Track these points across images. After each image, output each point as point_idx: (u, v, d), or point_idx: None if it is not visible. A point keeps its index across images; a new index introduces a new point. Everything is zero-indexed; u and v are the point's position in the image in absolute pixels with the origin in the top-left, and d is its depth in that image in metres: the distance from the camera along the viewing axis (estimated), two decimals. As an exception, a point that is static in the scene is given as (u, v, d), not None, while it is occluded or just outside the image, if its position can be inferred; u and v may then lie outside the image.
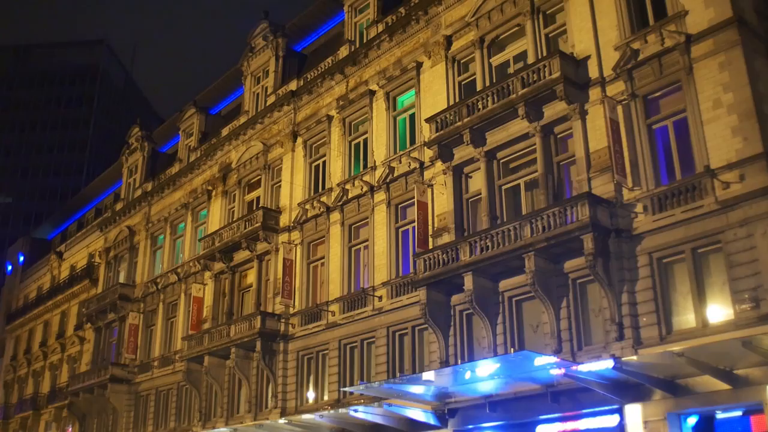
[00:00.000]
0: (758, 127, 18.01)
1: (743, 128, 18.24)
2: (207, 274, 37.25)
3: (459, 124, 24.44)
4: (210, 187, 39.82)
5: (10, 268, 69.20)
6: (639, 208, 19.86)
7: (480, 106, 23.97)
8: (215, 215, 38.83)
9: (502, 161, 24.28)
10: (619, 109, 20.95)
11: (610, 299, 19.47)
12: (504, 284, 22.44)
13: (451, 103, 26.10)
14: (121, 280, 45.79)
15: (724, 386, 17.08)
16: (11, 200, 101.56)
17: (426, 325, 24.33)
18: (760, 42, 19.55)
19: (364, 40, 31.65)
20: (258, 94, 38.58)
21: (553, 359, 18.67)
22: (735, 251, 17.71)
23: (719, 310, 18.05)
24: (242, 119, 38.55)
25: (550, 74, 22.04)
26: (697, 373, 17.32)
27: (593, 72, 22.04)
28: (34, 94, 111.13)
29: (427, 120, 25.86)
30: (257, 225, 33.03)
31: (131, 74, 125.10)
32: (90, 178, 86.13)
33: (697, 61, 19.60)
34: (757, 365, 16.60)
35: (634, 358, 17.67)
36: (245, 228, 33.82)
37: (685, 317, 18.67)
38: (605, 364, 17.26)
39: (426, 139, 26.09)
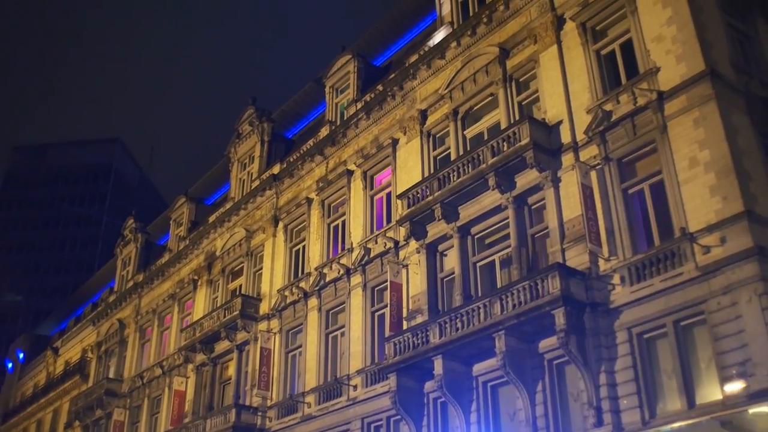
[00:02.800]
0: (737, 184, 16.44)
1: (722, 187, 16.68)
2: (189, 366, 35.56)
3: (430, 198, 23.10)
4: (196, 277, 38.50)
5: (10, 365, 67.73)
6: (616, 279, 18.14)
7: (451, 179, 22.65)
8: (200, 305, 37.34)
9: (476, 237, 22.75)
10: (593, 174, 19.50)
11: (587, 381, 17.52)
12: (477, 368, 20.54)
13: (426, 178, 24.78)
14: (111, 374, 44.13)
15: (716, 477, 14.96)
16: (21, 299, 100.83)
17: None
18: (738, 96, 18.16)
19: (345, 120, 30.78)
20: (244, 180, 37.72)
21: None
22: (719, 322, 15.86)
23: (707, 389, 16.08)
24: (228, 206, 37.57)
25: (520, 141, 20.76)
26: (685, 463, 15.24)
27: (565, 137, 20.71)
28: (48, 192, 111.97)
29: (399, 196, 24.57)
30: (236, 313, 31.49)
31: (145, 172, 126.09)
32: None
33: (671, 118, 18.24)
34: (750, 452, 14.53)
35: (612, 446, 15.64)
36: (224, 317, 32.27)
37: (671, 398, 16.68)
38: (578, 454, 15.26)
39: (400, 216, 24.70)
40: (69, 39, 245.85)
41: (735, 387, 15.12)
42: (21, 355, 65.24)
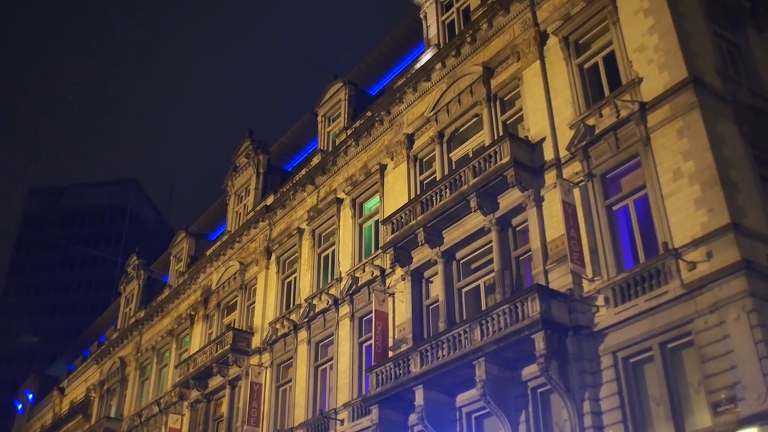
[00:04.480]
0: (723, 196, 15.43)
1: (707, 199, 15.68)
2: (185, 403, 34.67)
3: (413, 222, 22.22)
4: (193, 312, 37.74)
5: (20, 406, 67.12)
6: (600, 300, 17.09)
7: (433, 202, 21.79)
8: (196, 341, 36.54)
9: (461, 261, 21.80)
10: (576, 191, 18.55)
11: (570, 409, 16.40)
12: (461, 398, 19.44)
13: (413, 203, 23.92)
14: (112, 413, 43.33)
15: None
16: (37, 339, 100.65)
17: (388, 452, 21.19)
18: (725, 105, 17.18)
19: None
20: (240, 213, 37.10)
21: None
22: (707, 342, 14.76)
23: (697, 415, 14.94)
24: (224, 239, 36.91)
25: (500, 160, 19.89)
26: (673, 497, 14.06)
27: (548, 154, 19.82)
28: (65, 233, 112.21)
29: (383, 222, 23.73)
30: (227, 348, 30.62)
31: (161, 212, 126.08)
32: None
33: (654, 129, 17.31)
34: (742, 484, 13.34)
35: (594, 479, 14.48)
36: (216, 351, 31.41)
37: (659, 426, 15.49)
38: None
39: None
40: (83, 81, 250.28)
41: (724, 412, 13.98)
42: (30, 396, 64.63)
